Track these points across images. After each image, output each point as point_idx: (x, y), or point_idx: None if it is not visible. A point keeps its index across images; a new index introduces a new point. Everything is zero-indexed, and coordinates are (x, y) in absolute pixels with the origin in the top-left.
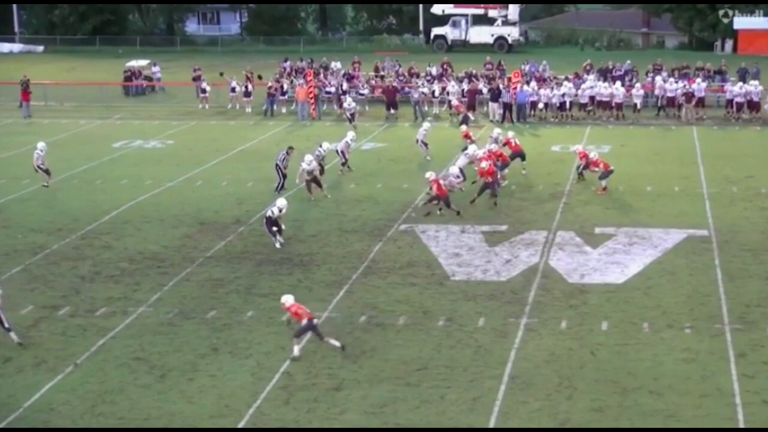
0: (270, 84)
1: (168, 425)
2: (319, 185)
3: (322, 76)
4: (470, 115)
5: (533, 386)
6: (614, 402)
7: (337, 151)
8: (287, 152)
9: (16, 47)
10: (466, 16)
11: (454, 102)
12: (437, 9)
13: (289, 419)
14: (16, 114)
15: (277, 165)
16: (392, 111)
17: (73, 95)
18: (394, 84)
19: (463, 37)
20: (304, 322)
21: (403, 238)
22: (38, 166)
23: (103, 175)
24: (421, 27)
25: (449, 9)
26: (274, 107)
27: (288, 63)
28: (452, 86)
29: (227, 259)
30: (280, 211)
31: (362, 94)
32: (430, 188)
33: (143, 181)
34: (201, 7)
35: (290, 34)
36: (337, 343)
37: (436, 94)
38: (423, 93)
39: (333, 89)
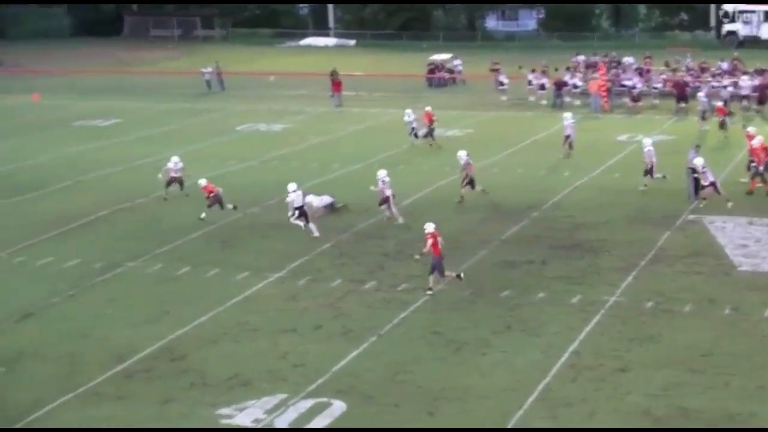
0: (558, 78)
1: (461, 397)
2: None
3: (614, 70)
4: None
5: None
6: None
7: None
8: (695, 150)
9: (331, 41)
10: (757, 12)
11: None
12: (729, 7)
13: (575, 397)
14: (329, 103)
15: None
16: (682, 104)
17: (380, 86)
18: (685, 78)
19: (754, 33)
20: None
21: (690, 227)
22: (171, 177)
23: (406, 161)
24: (712, 23)
25: (741, 7)
26: (563, 100)
27: (581, 57)
28: (743, 81)
29: (520, 242)
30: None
31: (656, 88)
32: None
33: (442, 167)
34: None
35: (584, 30)
36: (453, 274)
37: (728, 89)
38: (712, 86)
39: (629, 82)
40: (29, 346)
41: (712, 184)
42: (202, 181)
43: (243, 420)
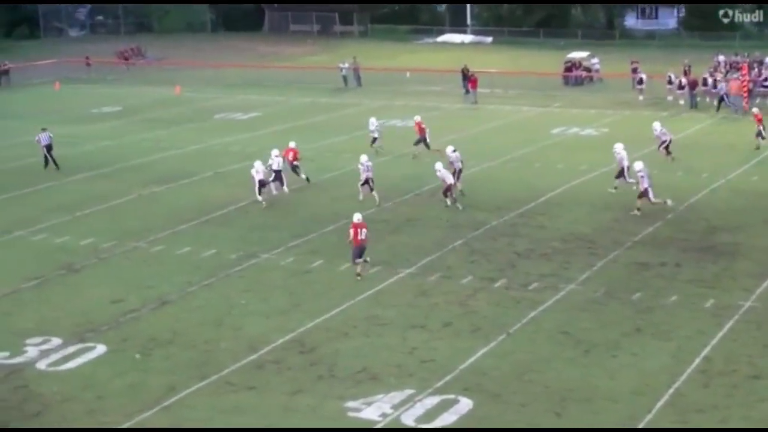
0: (692, 78)
1: (589, 398)
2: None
3: (756, 70)
4: None
5: None
6: None
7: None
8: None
9: (468, 38)
10: None
11: None
12: None
13: (706, 403)
14: (464, 99)
15: None
16: None
17: (516, 84)
18: None
19: None
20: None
21: None
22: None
23: (541, 159)
24: None
25: None
26: (696, 99)
27: (721, 57)
28: None
29: (654, 244)
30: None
31: None
32: None
33: (578, 165)
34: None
35: (726, 29)
36: (361, 260)
37: None
38: None
39: None
40: (165, 334)
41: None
42: (291, 143)
43: (370, 414)
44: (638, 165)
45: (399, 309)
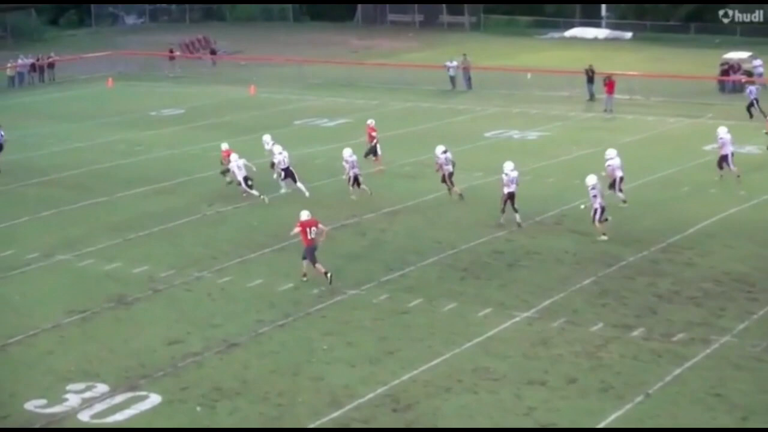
0: None
1: None
2: None
3: None
4: None
5: None
6: None
7: None
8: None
9: (602, 33)
10: None
11: None
12: None
13: None
14: (596, 107)
15: None
16: None
17: (660, 89)
18: None
19: None
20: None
21: None
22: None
23: (690, 182)
24: None
25: None
26: None
27: None
28: None
29: None
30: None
31: None
32: None
33: (735, 190)
34: None
35: None
36: (323, 270)
37: None
38: None
39: None
40: (232, 382)
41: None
42: (224, 145)
43: None
44: (589, 179)
45: (513, 360)
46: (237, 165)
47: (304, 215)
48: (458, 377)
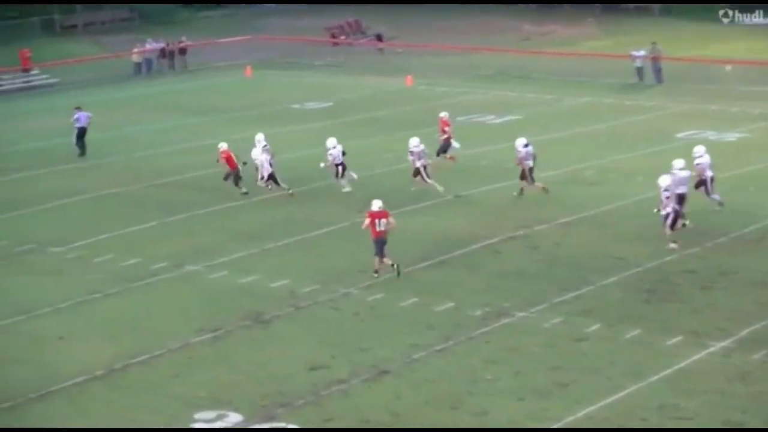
0: None
1: None
2: None
3: None
4: None
5: None
6: None
7: None
8: None
9: None
10: None
11: None
12: None
13: None
14: None
15: None
16: None
17: None
18: None
19: None
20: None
21: None
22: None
23: None
24: None
25: None
26: None
27: None
28: None
29: None
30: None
31: None
32: None
33: None
34: None
35: None
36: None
37: None
38: None
39: None
40: (382, 414)
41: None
42: (223, 145)
43: None
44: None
45: (707, 397)
46: (261, 160)
47: (376, 205)
48: (642, 415)
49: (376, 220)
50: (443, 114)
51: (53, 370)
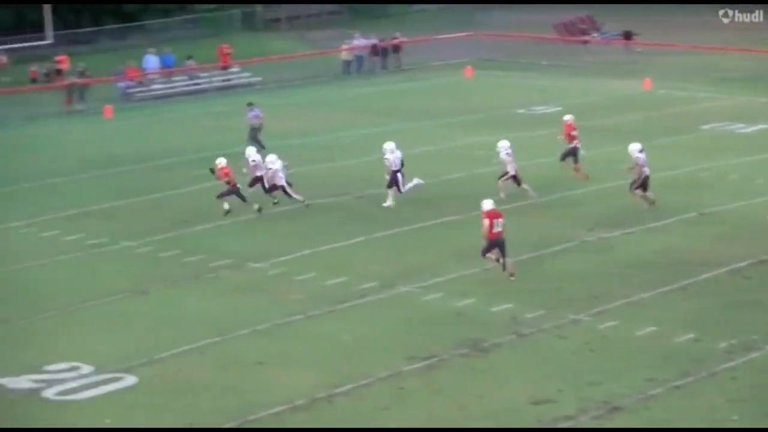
0: None
1: None
2: None
3: None
4: None
5: None
6: None
7: None
8: None
9: None
10: None
11: None
12: None
13: None
14: None
15: None
16: None
17: None
18: None
19: None
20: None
21: None
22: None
23: None
24: None
25: None
26: None
27: None
28: None
29: None
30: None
31: None
32: None
33: None
34: None
35: None
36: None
37: None
38: None
39: None
40: None
41: None
42: (222, 161)
43: None
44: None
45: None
46: (275, 169)
47: (488, 205)
48: None
49: (494, 220)
50: (568, 117)
51: (251, 398)
